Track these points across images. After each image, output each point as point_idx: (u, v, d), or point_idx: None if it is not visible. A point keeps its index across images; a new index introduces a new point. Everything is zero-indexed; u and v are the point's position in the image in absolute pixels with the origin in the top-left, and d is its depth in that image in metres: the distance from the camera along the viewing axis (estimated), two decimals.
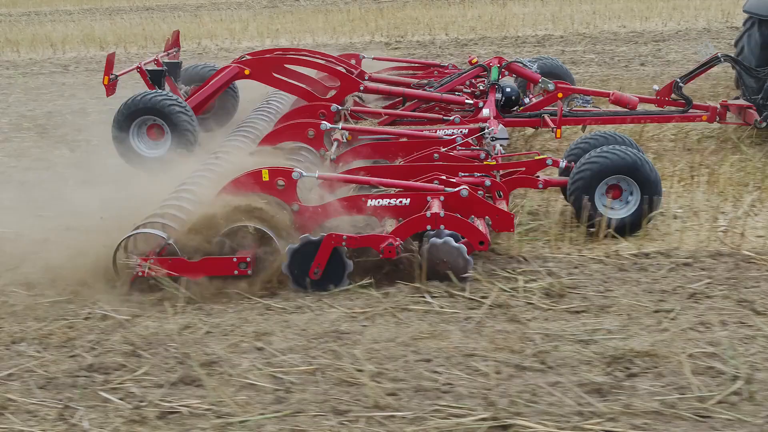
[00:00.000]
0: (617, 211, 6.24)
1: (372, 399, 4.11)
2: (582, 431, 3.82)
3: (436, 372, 4.36)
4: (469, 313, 5.06)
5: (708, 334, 4.69)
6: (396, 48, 16.66)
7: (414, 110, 8.37)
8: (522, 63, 8.69)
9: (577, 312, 5.06)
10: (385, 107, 8.68)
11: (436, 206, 5.67)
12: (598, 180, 6.17)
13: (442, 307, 5.14)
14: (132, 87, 9.52)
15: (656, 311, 5.01)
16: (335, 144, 7.17)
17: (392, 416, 4.00)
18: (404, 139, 7.26)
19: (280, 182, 5.77)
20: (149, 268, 5.38)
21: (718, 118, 8.47)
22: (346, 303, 5.27)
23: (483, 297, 5.26)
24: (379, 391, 4.17)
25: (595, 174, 6.16)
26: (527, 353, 4.53)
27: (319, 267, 5.43)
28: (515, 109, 8.42)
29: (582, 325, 4.85)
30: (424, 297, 5.29)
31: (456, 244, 5.43)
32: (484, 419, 3.92)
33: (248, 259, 5.44)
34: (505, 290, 5.35)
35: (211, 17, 23.66)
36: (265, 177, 5.79)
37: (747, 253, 5.82)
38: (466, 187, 5.80)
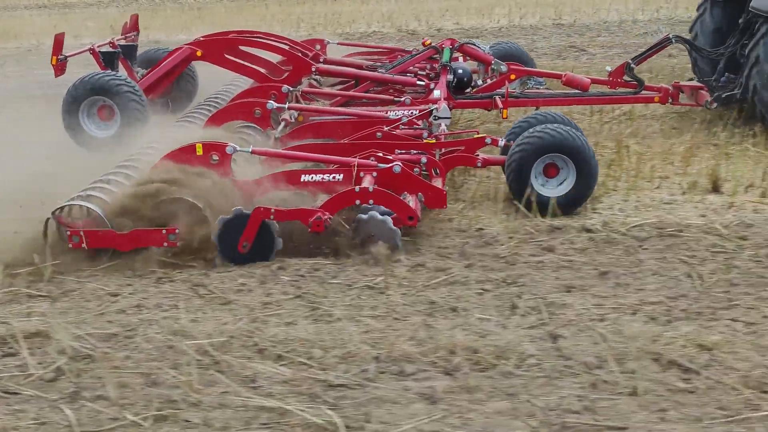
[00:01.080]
0: (553, 189, 6.28)
1: None
2: None
3: None
4: None
5: None
6: None
7: (367, 91, 8.41)
8: (475, 45, 8.72)
9: None
10: (340, 89, 8.72)
11: (367, 181, 5.71)
12: (533, 159, 6.21)
13: None
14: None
15: None
16: (283, 124, 7.21)
17: None
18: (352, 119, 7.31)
19: (214, 157, 5.81)
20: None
21: (670, 99, 8.50)
22: None
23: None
24: None
25: (530, 153, 6.20)
26: None
27: (248, 241, 5.47)
28: (468, 90, 8.46)
29: None
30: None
31: (382, 218, 5.48)
32: None
33: (177, 231, 5.49)
34: None
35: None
36: (199, 151, 5.83)
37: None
38: (399, 164, 5.84)
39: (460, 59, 8.86)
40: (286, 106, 7.29)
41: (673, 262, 5.30)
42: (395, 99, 8.01)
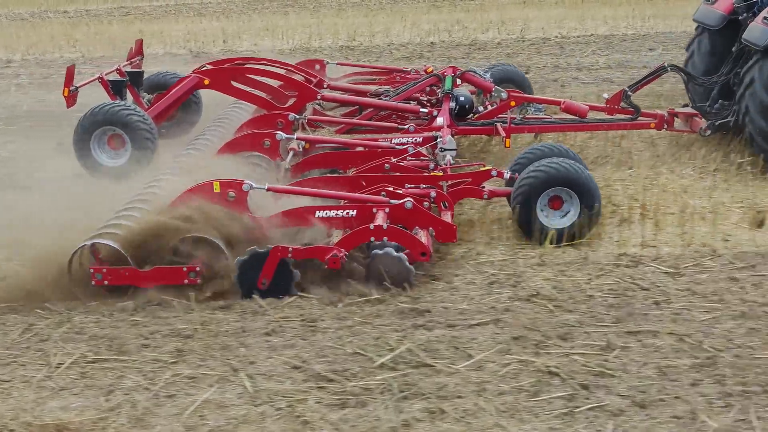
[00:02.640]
0: (558, 220, 6.49)
1: None
2: None
3: None
4: None
5: None
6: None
7: (370, 119, 8.58)
8: (476, 72, 8.92)
9: None
10: (343, 115, 8.89)
11: (380, 218, 5.89)
12: (539, 192, 6.41)
13: None
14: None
15: None
16: (291, 153, 7.37)
17: None
18: (360, 149, 7.48)
19: (231, 194, 5.98)
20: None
21: (666, 126, 8.73)
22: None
23: None
24: None
25: (535, 186, 6.40)
26: None
27: (267, 278, 5.64)
28: (469, 117, 8.65)
29: None
30: None
31: (397, 254, 5.66)
32: None
33: (198, 269, 5.65)
34: None
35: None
36: (216, 189, 5.99)
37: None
38: (411, 200, 6.03)
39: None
40: (295, 136, 7.46)
41: None
42: (399, 126, 8.19)
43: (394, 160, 7.00)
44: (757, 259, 6.09)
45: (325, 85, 9.04)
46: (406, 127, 8.01)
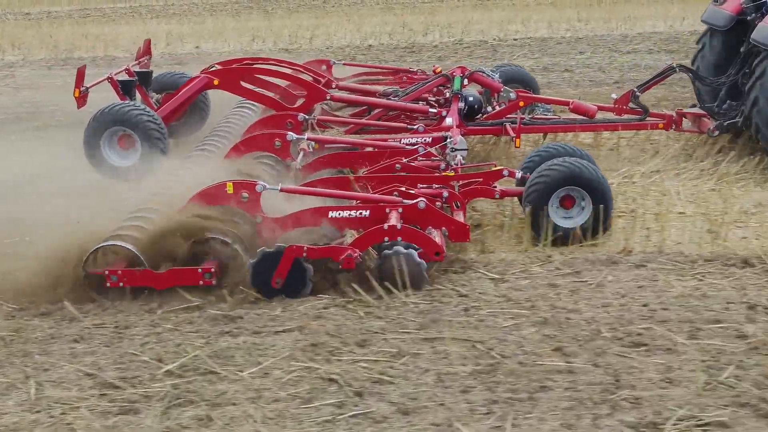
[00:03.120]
0: (571, 220, 6.50)
1: None
2: None
3: None
4: None
5: None
6: None
7: (379, 119, 8.60)
8: (484, 72, 8.94)
9: None
10: (352, 115, 8.91)
11: (394, 218, 5.90)
12: (550, 192, 6.43)
13: None
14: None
15: None
16: (301, 153, 7.38)
17: None
18: (369, 149, 7.50)
19: (245, 195, 5.99)
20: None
21: (674, 126, 8.75)
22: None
23: None
24: None
25: (547, 186, 6.42)
26: None
27: (281, 277, 5.65)
28: (478, 117, 8.67)
29: None
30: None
31: (413, 257, 5.67)
32: None
33: (213, 270, 5.66)
34: None
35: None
36: (230, 190, 6.01)
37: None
38: (424, 200, 6.04)
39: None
40: (306, 136, 7.47)
41: None
42: (408, 126, 8.20)
43: (405, 160, 7.02)
44: (586, 265, 6.04)
45: (333, 86, 9.05)
46: (415, 127, 8.03)
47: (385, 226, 5.78)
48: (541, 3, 23.00)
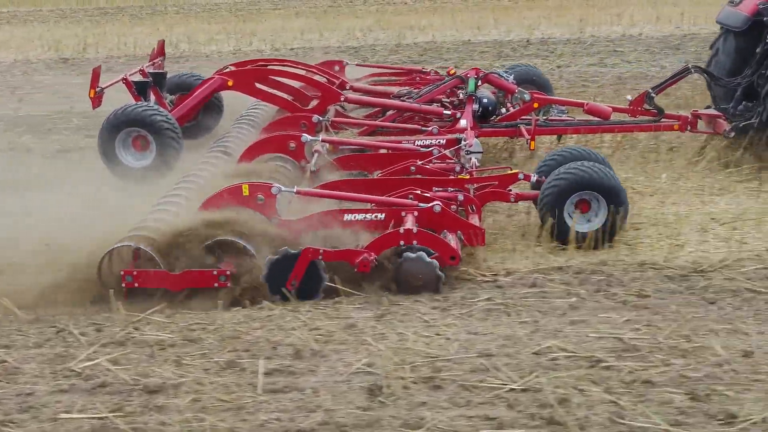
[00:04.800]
0: (587, 224, 6.48)
1: None
2: None
3: None
4: None
5: None
6: None
7: (393, 120, 8.59)
8: (499, 74, 8.91)
9: None
10: (366, 116, 8.90)
11: (409, 222, 5.89)
12: (566, 196, 6.40)
13: None
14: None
15: None
16: (316, 155, 7.37)
17: None
18: (383, 151, 7.49)
19: (260, 197, 5.99)
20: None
21: (689, 127, 8.71)
22: None
23: None
24: None
25: (562, 190, 6.39)
26: None
27: (296, 279, 5.65)
28: (492, 119, 8.65)
29: None
30: None
31: (428, 260, 5.66)
32: None
33: (228, 272, 5.66)
34: None
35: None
36: (246, 192, 6.01)
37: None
38: (439, 203, 6.02)
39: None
40: (320, 138, 7.46)
41: None
42: (422, 128, 8.19)
43: (419, 162, 7.00)
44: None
45: (347, 86, 9.05)
46: (429, 128, 8.02)
47: (401, 229, 5.77)
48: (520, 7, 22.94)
